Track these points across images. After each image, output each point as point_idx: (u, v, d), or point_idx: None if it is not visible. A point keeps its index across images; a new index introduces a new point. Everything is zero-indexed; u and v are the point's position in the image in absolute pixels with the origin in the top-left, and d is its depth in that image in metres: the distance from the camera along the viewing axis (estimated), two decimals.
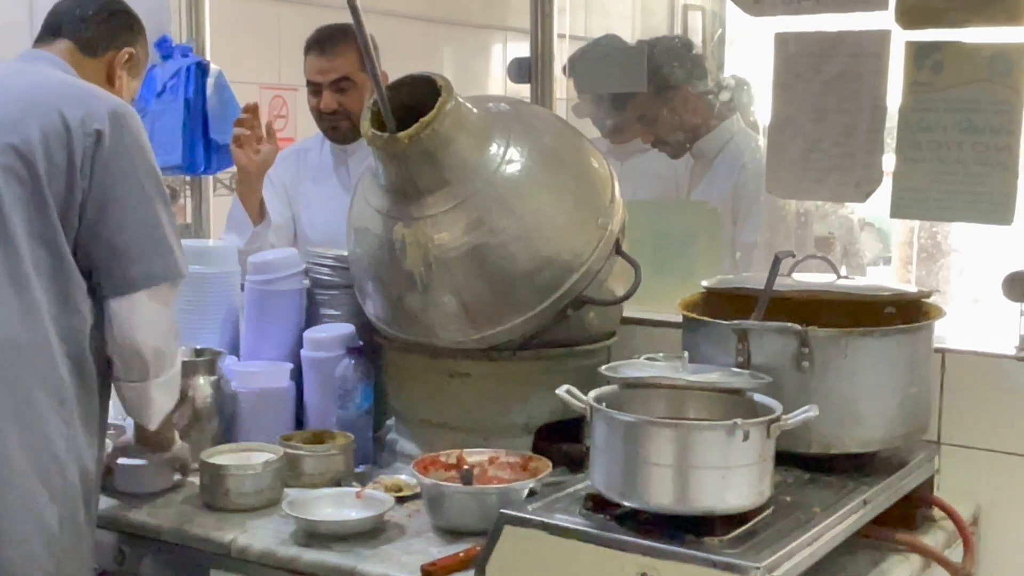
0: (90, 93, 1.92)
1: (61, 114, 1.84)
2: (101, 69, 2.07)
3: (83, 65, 2.04)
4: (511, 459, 2.03)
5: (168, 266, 1.90)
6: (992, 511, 2.10)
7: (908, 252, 3.88)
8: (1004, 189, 2.05)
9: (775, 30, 2.27)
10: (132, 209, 1.86)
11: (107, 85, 2.05)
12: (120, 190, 1.85)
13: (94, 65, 2.06)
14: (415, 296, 2.11)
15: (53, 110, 1.84)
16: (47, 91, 1.90)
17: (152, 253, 1.88)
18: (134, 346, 1.88)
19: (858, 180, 2.21)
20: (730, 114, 3.20)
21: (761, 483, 1.59)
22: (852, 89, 2.18)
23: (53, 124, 1.83)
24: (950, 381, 2.12)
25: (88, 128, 1.83)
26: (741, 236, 3.04)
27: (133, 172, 1.87)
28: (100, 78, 2.06)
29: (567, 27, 2.75)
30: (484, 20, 5.30)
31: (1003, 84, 2.03)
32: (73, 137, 1.83)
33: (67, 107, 1.85)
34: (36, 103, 1.86)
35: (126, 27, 2.11)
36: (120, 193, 1.85)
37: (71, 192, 1.83)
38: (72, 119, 1.84)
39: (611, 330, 2.30)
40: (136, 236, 1.87)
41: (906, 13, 2.10)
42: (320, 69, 2.88)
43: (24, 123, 1.83)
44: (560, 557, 1.57)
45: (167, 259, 1.90)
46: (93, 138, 1.83)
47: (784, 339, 1.81)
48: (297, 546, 1.86)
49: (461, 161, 2.03)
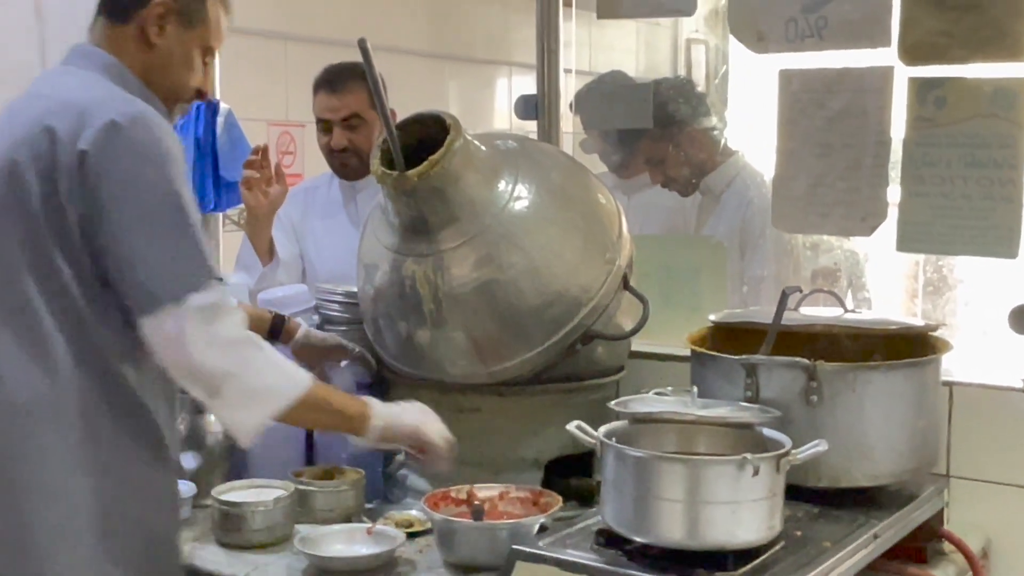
0: (93, 102, 1.72)
1: (50, 134, 1.68)
2: (134, 33, 1.83)
3: (114, 37, 1.84)
4: (521, 494, 2.02)
5: (175, 284, 1.69)
6: (1002, 543, 2.09)
7: (914, 285, 3.90)
8: (1009, 222, 2.06)
9: (779, 67, 2.29)
10: (133, 229, 1.69)
11: (145, 49, 1.83)
12: (116, 211, 1.68)
13: (126, 31, 1.83)
14: (424, 332, 2.11)
15: (41, 132, 1.69)
16: (47, 105, 1.73)
17: (164, 269, 1.69)
18: (168, 370, 1.74)
19: (863, 214, 2.22)
20: (734, 153, 3.23)
21: (772, 518, 1.59)
22: (856, 124, 2.20)
23: (40, 148, 1.68)
24: (958, 414, 2.12)
25: (72, 147, 1.67)
26: (749, 270, 3.05)
27: (125, 191, 1.68)
28: (136, 44, 1.83)
29: (573, 62, 2.77)
30: (489, 56, 5.33)
31: (1006, 119, 2.05)
32: (58, 158, 1.67)
33: (59, 123, 1.69)
34: (26, 132, 1.71)
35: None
36: (117, 214, 1.68)
37: (64, 222, 1.68)
38: (60, 139, 1.68)
39: (620, 364, 2.30)
40: (143, 255, 1.69)
41: (908, 50, 2.12)
42: (330, 107, 2.89)
43: (17, 144, 1.70)
44: None
45: (174, 276, 1.70)
46: (76, 160, 1.66)
47: (793, 373, 1.82)
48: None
49: (470, 198, 2.04)
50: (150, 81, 1.85)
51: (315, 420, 1.90)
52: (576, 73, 3.07)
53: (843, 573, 1.65)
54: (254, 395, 1.73)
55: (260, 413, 1.74)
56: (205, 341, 1.69)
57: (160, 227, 1.70)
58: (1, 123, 1.78)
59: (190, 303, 1.68)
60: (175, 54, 1.86)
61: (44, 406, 1.70)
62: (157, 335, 1.69)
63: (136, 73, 1.84)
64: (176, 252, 1.71)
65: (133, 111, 1.71)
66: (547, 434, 2.12)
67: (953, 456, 2.12)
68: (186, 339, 1.68)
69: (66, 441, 1.70)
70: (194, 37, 1.87)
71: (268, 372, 1.75)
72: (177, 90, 1.89)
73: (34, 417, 1.69)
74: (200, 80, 1.91)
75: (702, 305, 2.39)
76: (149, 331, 1.69)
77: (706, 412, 1.73)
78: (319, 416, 1.87)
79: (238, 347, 1.72)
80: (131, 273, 1.69)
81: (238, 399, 1.72)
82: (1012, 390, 2.09)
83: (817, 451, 1.62)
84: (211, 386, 1.71)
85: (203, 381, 1.71)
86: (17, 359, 1.69)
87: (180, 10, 1.84)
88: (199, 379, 1.71)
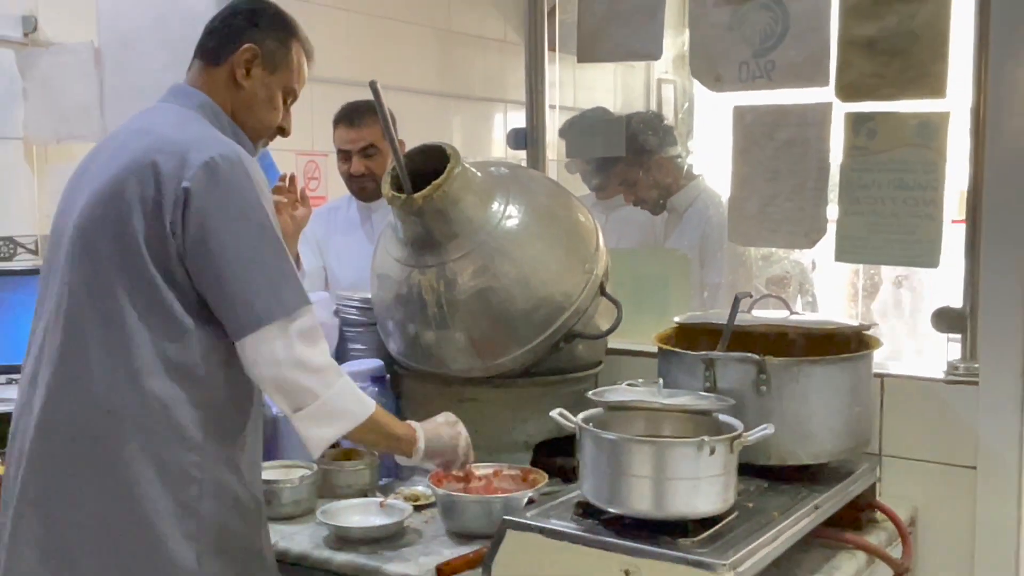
0: (193, 142, 1.66)
1: (155, 169, 1.62)
2: (225, 76, 1.79)
3: (208, 78, 1.80)
4: (513, 472, 2.03)
5: (272, 307, 1.63)
6: (927, 513, 2.10)
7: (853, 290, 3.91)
8: (931, 237, 2.07)
9: (734, 104, 2.29)
10: (237, 258, 1.62)
11: (234, 89, 1.79)
12: (214, 245, 1.62)
13: (219, 74, 1.79)
14: (429, 332, 2.12)
15: (147, 166, 1.63)
16: (152, 142, 1.67)
17: (256, 298, 1.63)
18: (260, 386, 1.70)
19: (807, 230, 2.22)
20: (696, 176, 3.24)
21: (726, 491, 1.59)
22: (800, 153, 2.20)
23: (146, 181, 1.62)
24: (889, 401, 2.12)
25: (177, 186, 1.61)
26: (707, 278, 3.06)
27: (226, 224, 1.62)
28: (226, 85, 1.79)
29: (557, 99, 2.78)
30: (487, 94, 5.34)
31: (929, 148, 2.06)
32: (163, 193, 1.61)
33: (163, 160, 1.63)
34: (134, 164, 1.65)
35: (249, 25, 1.80)
36: (220, 245, 1.62)
37: (166, 251, 1.62)
38: (165, 175, 1.61)
39: (598, 359, 2.31)
40: (247, 281, 1.63)
41: (844, 89, 2.13)
42: (350, 139, 2.91)
43: (125, 172, 1.64)
44: (555, 557, 1.57)
45: (270, 301, 1.63)
46: (182, 196, 1.60)
47: (745, 367, 1.82)
48: (330, 549, 1.86)
49: (468, 217, 2.05)
50: (238, 118, 1.80)
51: (373, 441, 1.84)
52: (563, 109, 3.08)
53: (789, 539, 1.65)
54: (331, 415, 1.69)
55: (334, 431, 1.70)
56: (299, 363, 1.65)
57: (260, 256, 1.64)
58: (110, 151, 1.73)
59: (293, 326, 1.64)
60: (260, 95, 1.81)
61: (132, 413, 1.62)
62: (256, 353, 1.63)
63: (227, 111, 1.79)
64: (278, 278, 1.65)
65: (228, 151, 1.66)
66: (535, 420, 2.12)
67: (884, 437, 2.12)
68: (283, 359, 1.63)
69: (152, 446, 1.62)
70: (277, 80, 1.82)
71: (346, 396, 1.71)
72: (261, 127, 1.84)
73: (124, 422, 1.61)
74: (281, 119, 1.86)
75: (669, 309, 2.39)
76: (250, 349, 1.63)
77: (670, 401, 1.74)
78: (377, 438, 1.81)
79: (325, 372, 1.68)
80: (237, 297, 1.62)
81: (318, 417, 1.68)
82: (935, 380, 2.09)
83: (765, 434, 1.62)
84: (296, 402, 1.67)
85: (291, 397, 1.66)
86: (105, 366, 1.62)
87: (266, 55, 1.80)
88: (288, 395, 1.66)
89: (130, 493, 1.61)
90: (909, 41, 2.04)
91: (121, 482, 1.61)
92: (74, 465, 1.63)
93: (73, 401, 1.64)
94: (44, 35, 3.43)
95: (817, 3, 2.16)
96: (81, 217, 1.67)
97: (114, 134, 1.80)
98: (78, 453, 1.63)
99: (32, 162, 3.46)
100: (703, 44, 2.30)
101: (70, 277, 1.67)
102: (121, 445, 1.61)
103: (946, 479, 2.07)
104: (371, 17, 4.77)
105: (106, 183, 1.66)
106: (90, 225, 1.66)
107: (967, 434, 2.04)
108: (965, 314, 2.07)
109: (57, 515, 1.64)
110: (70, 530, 1.63)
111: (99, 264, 1.64)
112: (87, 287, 1.65)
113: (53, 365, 1.66)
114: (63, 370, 1.65)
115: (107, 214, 1.64)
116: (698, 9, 2.30)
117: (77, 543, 1.63)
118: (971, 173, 2.05)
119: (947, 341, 2.12)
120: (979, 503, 2.03)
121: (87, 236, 1.66)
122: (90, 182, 1.70)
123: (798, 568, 1.76)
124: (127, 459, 1.61)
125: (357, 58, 4.55)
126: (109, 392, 1.62)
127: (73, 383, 1.64)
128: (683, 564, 1.47)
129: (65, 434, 1.64)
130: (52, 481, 1.65)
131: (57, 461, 1.65)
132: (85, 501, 1.63)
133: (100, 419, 1.62)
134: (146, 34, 3.07)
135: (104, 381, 1.62)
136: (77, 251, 1.67)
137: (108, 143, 1.78)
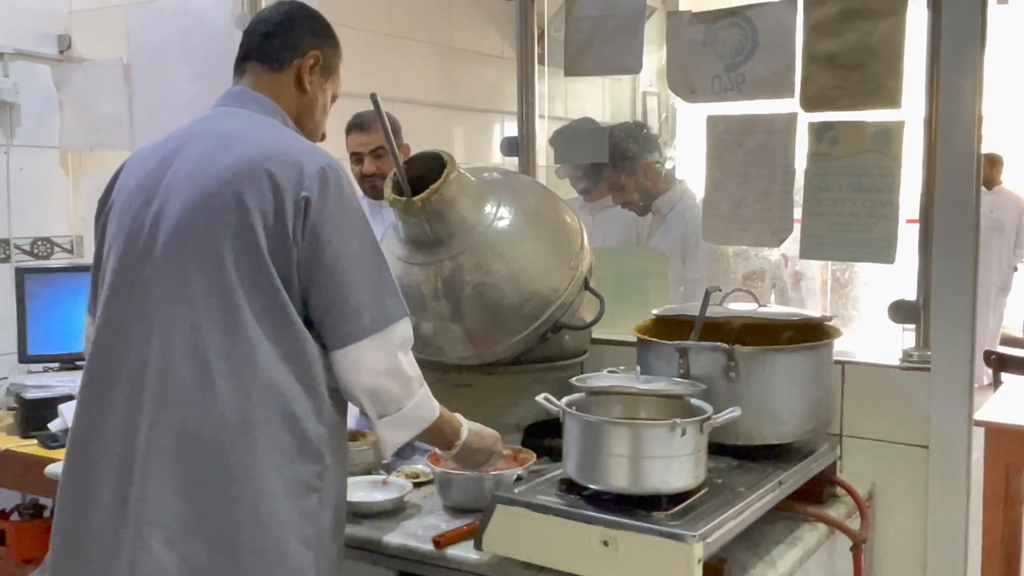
0: (299, 151, 1.56)
1: (271, 178, 1.51)
2: (290, 81, 1.69)
3: (272, 83, 1.68)
4: (504, 451, 2.02)
5: (378, 316, 1.55)
6: (884, 488, 2.10)
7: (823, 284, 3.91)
8: (887, 235, 2.06)
9: (707, 113, 2.29)
10: (339, 271, 1.52)
11: (298, 93, 1.70)
12: (328, 253, 1.52)
13: (282, 79, 1.69)
14: (428, 324, 2.11)
15: (262, 174, 1.51)
16: (256, 149, 1.55)
17: (363, 307, 1.53)
18: (352, 393, 1.57)
19: (774, 229, 2.22)
20: (679, 181, 3.24)
21: (697, 469, 1.59)
22: (767, 159, 2.20)
23: (264, 191, 1.50)
24: (849, 386, 2.12)
25: (298, 195, 1.50)
26: (687, 274, 3.06)
27: (339, 233, 1.52)
28: (291, 90, 1.70)
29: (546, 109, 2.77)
30: (486, 105, 5.34)
31: (885, 154, 2.05)
32: (284, 203, 1.50)
33: (278, 169, 1.51)
34: (245, 169, 1.52)
35: (308, 31, 1.71)
36: (328, 257, 1.52)
37: (288, 258, 1.50)
38: (284, 184, 1.50)
39: (583, 349, 2.30)
40: (356, 289, 1.53)
41: (808, 100, 2.12)
42: (361, 143, 3.05)
43: (239, 190, 1.51)
44: (540, 529, 1.58)
45: (376, 311, 1.55)
46: (303, 205, 1.50)
47: (716, 355, 1.82)
48: None
49: (463, 218, 2.04)
50: (299, 123, 1.71)
51: (425, 438, 1.76)
52: (556, 119, 3.08)
53: (755, 512, 1.65)
54: (410, 421, 1.63)
55: (408, 435, 1.65)
56: (397, 372, 1.58)
57: (367, 265, 1.56)
58: (196, 157, 1.58)
59: (395, 335, 1.57)
60: (318, 100, 1.74)
61: (252, 421, 1.49)
62: (359, 361, 1.54)
63: (291, 116, 1.70)
64: (382, 288, 1.57)
65: (332, 161, 1.57)
66: (526, 404, 2.09)
67: (845, 419, 2.12)
68: (384, 368, 1.56)
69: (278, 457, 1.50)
70: (329, 85, 1.76)
71: (424, 403, 1.65)
72: (316, 132, 1.76)
73: (245, 432, 1.48)
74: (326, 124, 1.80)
75: (648, 302, 2.39)
76: (353, 357, 1.53)
77: (647, 386, 1.74)
78: (434, 437, 1.75)
79: (412, 382, 1.62)
80: (347, 305, 1.52)
81: (399, 422, 1.62)
82: (891, 367, 2.09)
83: (732, 416, 1.62)
84: (384, 410, 1.60)
85: (380, 404, 1.59)
86: (229, 375, 1.49)
87: (325, 61, 1.73)
88: (379, 402, 1.59)
89: (257, 506, 1.48)
90: (867, 56, 2.04)
91: (248, 495, 1.48)
92: (203, 483, 1.48)
93: (200, 418, 1.48)
94: (78, 52, 3.44)
95: (783, 21, 2.15)
96: (183, 223, 1.52)
97: (187, 138, 1.63)
98: (208, 470, 1.48)
99: (67, 169, 3.47)
100: (679, 59, 2.29)
101: (178, 288, 1.51)
102: (252, 458, 1.48)
103: (901, 457, 2.07)
104: (378, 34, 4.78)
105: (211, 189, 1.52)
106: (199, 233, 1.51)
107: (920, 416, 2.04)
108: (919, 306, 2.07)
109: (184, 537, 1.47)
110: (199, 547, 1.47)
111: (220, 271, 1.49)
112: (206, 296, 1.50)
113: (171, 379, 1.50)
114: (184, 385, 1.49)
115: (218, 221, 1.50)
116: (675, 27, 2.30)
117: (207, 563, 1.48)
118: (924, 177, 2.04)
119: (902, 331, 2.12)
120: (931, 479, 2.03)
121: (196, 243, 1.51)
122: (182, 187, 1.55)
123: (764, 539, 1.76)
124: (255, 473, 1.48)
125: (365, 72, 4.54)
126: (239, 406, 1.48)
127: (200, 398, 1.48)
128: (656, 535, 1.47)
129: (191, 450, 1.48)
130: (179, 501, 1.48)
131: (184, 481, 1.48)
132: (215, 519, 1.48)
133: (230, 434, 1.48)
134: (171, 51, 3.08)
135: (232, 396, 1.48)
136: (186, 259, 1.52)
137: (186, 150, 1.60)
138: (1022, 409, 3.15)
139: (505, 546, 1.62)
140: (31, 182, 3.37)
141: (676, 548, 1.45)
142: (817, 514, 1.86)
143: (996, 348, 4.64)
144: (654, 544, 1.47)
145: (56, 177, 3.44)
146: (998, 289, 7.40)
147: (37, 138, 3.38)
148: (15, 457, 2.64)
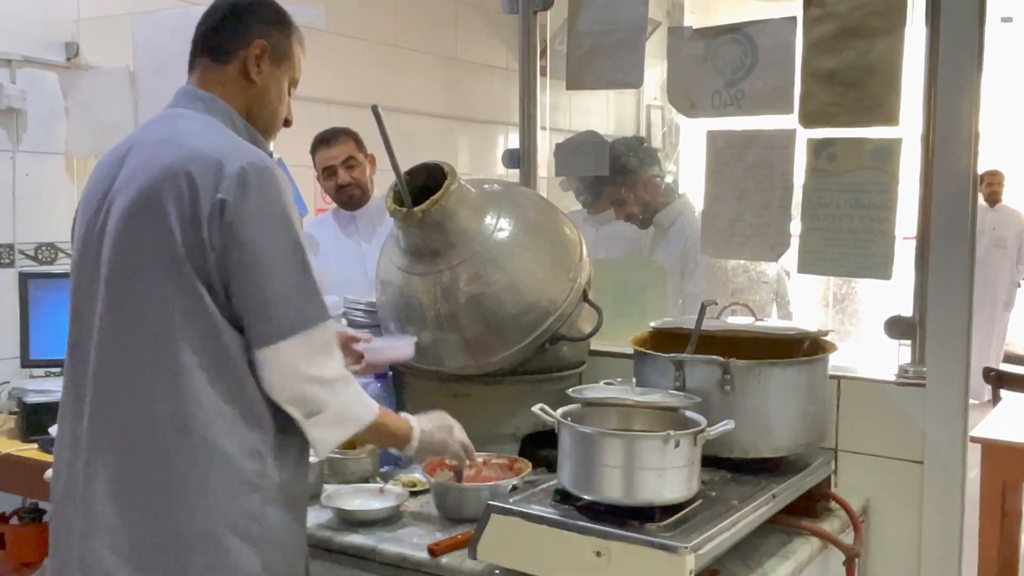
0: (224, 150, 1.53)
1: (190, 180, 1.50)
2: (236, 73, 1.65)
3: (219, 77, 1.65)
4: (501, 461, 2.04)
5: (297, 319, 1.53)
6: (878, 503, 2.10)
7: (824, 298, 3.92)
8: (884, 251, 2.07)
9: (707, 128, 2.31)
10: (259, 273, 1.51)
11: (247, 85, 1.66)
12: (247, 255, 1.50)
13: (228, 72, 1.65)
14: (427, 333, 2.13)
15: (182, 177, 1.50)
16: (183, 151, 1.53)
17: (283, 308, 1.52)
18: (274, 394, 1.55)
19: (772, 244, 2.23)
20: (680, 195, 3.26)
21: (690, 481, 1.60)
22: (766, 174, 2.21)
23: (183, 193, 1.50)
24: (844, 401, 2.13)
25: (212, 196, 1.49)
26: (687, 287, 3.07)
27: (259, 234, 1.51)
28: (239, 83, 1.65)
29: (548, 121, 2.79)
30: (490, 117, 5.37)
31: (882, 170, 2.07)
32: (200, 205, 1.49)
33: (198, 171, 1.50)
34: (168, 173, 1.52)
35: (256, 20, 1.66)
36: (248, 258, 1.50)
37: (205, 262, 1.50)
38: (202, 186, 1.49)
39: (581, 360, 2.31)
40: (274, 291, 1.52)
41: (807, 116, 2.14)
42: (330, 156, 3.21)
43: (161, 196, 1.51)
44: (534, 538, 1.58)
45: (296, 313, 1.53)
46: (219, 207, 1.49)
47: (711, 368, 1.82)
48: (331, 530, 1.87)
49: (463, 229, 2.06)
50: (251, 116, 1.67)
51: (375, 439, 1.76)
52: (560, 131, 3.10)
53: (748, 525, 1.66)
54: (341, 420, 1.60)
55: (342, 434, 1.62)
56: (314, 377, 1.55)
57: (288, 268, 1.53)
58: (138, 162, 1.58)
59: (315, 337, 1.54)
60: (271, 89, 1.68)
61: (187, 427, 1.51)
62: (276, 364, 1.53)
63: (239, 111, 1.66)
64: (302, 290, 1.54)
65: (257, 160, 1.53)
66: (523, 414, 2.09)
67: (840, 433, 2.13)
68: (300, 374, 1.54)
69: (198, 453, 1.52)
70: (283, 72, 1.70)
71: (355, 403, 1.63)
72: (273, 122, 1.72)
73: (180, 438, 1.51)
74: (288, 111, 1.75)
75: (647, 315, 2.40)
76: (271, 359, 1.52)
77: (642, 398, 1.74)
78: (378, 437, 1.78)
79: (336, 383, 1.59)
80: (263, 308, 1.51)
81: (328, 423, 1.58)
82: (887, 382, 2.09)
83: (725, 429, 1.63)
84: (308, 411, 1.57)
85: (303, 407, 1.56)
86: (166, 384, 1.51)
87: (273, 49, 1.67)
88: (300, 405, 1.56)
89: (198, 505, 1.51)
90: (865, 74, 2.06)
91: (190, 495, 1.51)
92: (140, 487, 1.52)
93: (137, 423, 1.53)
94: (84, 60, 3.47)
95: (783, 38, 2.17)
96: (117, 229, 1.56)
97: (134, 144, 1.64)
98: (145, 475, 1.52)
99: (72, 175, 3.50)
100: (679, 74, 2.32)
101: (112, 294, 1.55)
102: (190, 462, 1.51)
103: (895, 472, 2.07)
104: (384, 46, 4.81)
105: (140, 194, 1.54)
106: (128, 238, 1.54)
107: (915, 431, 2.04)
108: (915, 322, 2.08)
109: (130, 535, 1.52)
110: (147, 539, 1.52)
111: (151, 281, 1.52)
112: (132, 302, 1.53)
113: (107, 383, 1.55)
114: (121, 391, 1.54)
115: (144, 226, 1.52)
116: (675, 42, 2.32)
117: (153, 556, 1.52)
118: (921, 194, 2.06)
119: (898, 346, 2.13)
120: (925, 495, 2.03)
121: (126, 248, 1.54)
122: (121, 193, 1.57)
123: (757, 552, 1.77)
124: (193, 478, 1.51)
125: (372, 83, 4.59)
126: (171, 412, 1.51)
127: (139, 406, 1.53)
128: (649, 547, 1.48)
129: (130, 451, 1.53)
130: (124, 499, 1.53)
131: (125, 479, 1.53)
132: (159, 516, 1.52)
133: (167, 437, 1.51)
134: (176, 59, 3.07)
135: (163, 397, 1.51)
136: (118, 263, 1.55)
137: (132, 155, 1.61)
138: (1019, 426, 3.15)
139: (499, 555, 1.63)
140: (36, 188, 3.40)
141: (668, 559, 1.46)
142: (810, 528, 1.87)
143: (999, 365, 4.64)
144: (647, 555, 1.48)
145: (61, 183, 3.47)
146: (1003, 305, 7.41)
147: (43, 144, 3.41)
148: (16, 461, 2.66)
